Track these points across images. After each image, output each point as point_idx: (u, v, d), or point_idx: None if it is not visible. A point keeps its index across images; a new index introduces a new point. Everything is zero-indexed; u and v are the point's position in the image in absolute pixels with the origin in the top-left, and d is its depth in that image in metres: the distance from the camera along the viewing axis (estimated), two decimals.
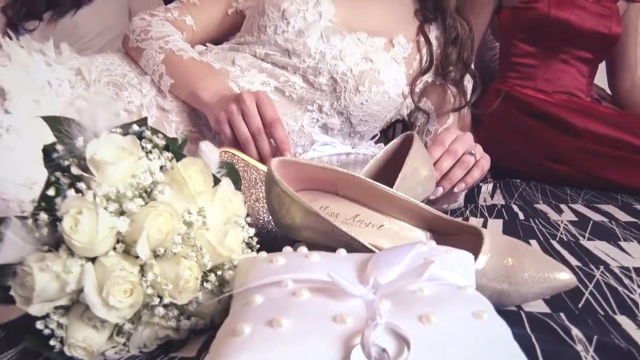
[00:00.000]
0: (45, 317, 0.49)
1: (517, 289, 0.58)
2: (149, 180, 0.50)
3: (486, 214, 1.05)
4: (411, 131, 0.83)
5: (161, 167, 0.53)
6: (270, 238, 0.73)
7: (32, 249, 0.49)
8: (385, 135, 1.35)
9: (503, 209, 1.10)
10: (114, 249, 0.50)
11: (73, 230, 0.47)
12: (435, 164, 0.88)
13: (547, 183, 1.44)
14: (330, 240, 0.60)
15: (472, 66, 1.15)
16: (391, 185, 0.76)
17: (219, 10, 1.17)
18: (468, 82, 1.16)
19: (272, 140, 0.85)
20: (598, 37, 1.61)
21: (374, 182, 0.64)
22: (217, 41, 1.21)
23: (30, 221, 0.49)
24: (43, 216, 0.48)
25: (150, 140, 0.54)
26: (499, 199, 1.22)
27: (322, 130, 1.02)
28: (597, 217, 1.03)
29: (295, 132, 1.01)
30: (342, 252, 0.52)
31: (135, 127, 0.55)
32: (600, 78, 1.85)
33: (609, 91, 1.86)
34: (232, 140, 0.86)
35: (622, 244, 0.84)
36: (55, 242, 0.50)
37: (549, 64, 1.63)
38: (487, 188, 1.34)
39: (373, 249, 0.58)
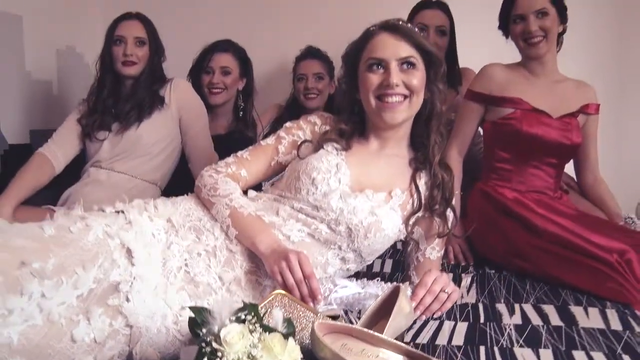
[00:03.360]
0: None
1: None
2: (254, 351, 1.03)
3: (457, 316, 1.56)
4: (398, 283, 1.35)
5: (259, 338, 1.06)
6: (312, 358, 1.26)
7: None
8: None
9: (471, 310, 1.61)
10: None
11: None
12: (420, 301, 1.42)
13: (514, 275, 1.95)
14: None
15: (453, 202, 1.67)
16: (387, 318, 1.30)
17: (265, 163, 1.70)
18: (449, 213, 1.68)
19: (308, 286, 1.37)
20: (561, 147, 2.11)
21: (373, 331, 1.17)
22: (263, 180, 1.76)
23: None
24: None
25: (251, 322, 1.07)
26: (472, 296, 1.73)
27: (340, 262, 1.56)
28: (536, 320, 1.53)
29: (322, 265, 1.53)
30: None
31: (242, 316, 1.07)
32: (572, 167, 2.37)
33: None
34: (282, 285, 1.38)
35: (541, 350, 1.34)
36: None
37: (523, 169, 2.14)
38: (466, 282, 1.84)
39: None
